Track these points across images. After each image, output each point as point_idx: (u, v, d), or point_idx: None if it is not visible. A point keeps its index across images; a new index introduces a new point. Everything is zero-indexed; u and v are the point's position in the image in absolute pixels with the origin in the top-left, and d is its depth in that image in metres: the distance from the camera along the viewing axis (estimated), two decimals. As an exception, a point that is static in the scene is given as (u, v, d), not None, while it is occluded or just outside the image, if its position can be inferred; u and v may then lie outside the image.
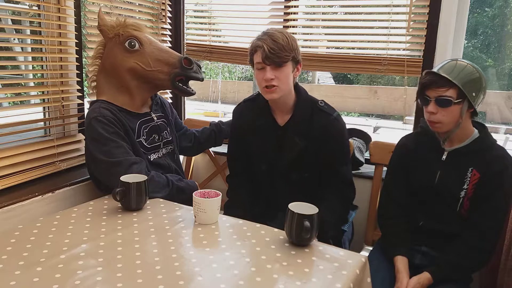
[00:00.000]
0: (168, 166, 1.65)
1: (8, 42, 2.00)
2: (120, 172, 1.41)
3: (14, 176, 1.55)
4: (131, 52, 1.54)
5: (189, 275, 0.99)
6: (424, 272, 1.34)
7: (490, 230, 1.35)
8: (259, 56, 1.41)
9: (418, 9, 1.84)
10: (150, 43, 1.58)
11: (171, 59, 1.57)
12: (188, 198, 1.57)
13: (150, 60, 1.55)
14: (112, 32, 1.55)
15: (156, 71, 1.56)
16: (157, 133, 1.65)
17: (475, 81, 1.30)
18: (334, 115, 1.53)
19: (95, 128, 1.47)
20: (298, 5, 2.11)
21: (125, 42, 1.54)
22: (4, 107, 1.64)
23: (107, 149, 1.46)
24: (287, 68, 1.43)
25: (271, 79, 1.41)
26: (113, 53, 1.56)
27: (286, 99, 1.50)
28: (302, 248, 1.14)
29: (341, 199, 1.55)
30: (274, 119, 1.56)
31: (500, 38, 7.48)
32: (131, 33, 1.55)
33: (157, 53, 1.57)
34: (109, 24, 1.57)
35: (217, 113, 7.88)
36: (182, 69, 1.57)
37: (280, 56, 1.39)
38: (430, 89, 1.31)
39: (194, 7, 2.42)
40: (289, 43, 1.41)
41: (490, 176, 1.33)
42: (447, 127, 1.34)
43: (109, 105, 1.53)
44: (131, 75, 1.56)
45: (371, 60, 1.95)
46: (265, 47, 1.38)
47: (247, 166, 1.66)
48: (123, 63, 1.54)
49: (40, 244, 1.10)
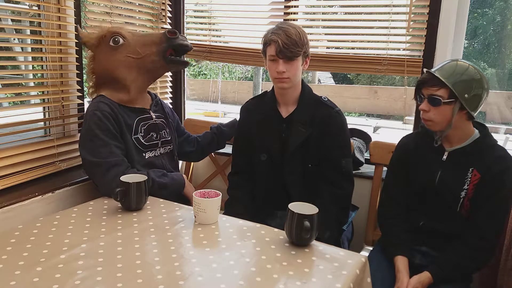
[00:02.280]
0: (162, 165, 1.65)
1: (8, 42, 2.00)
2: (97, 173, 1.47)
3: (14, 176, 1.55)
4: (118, 48, 1.57)
5: (189, 275, 0.99)
6: (425, 272, 1.34)
7: (491, 230, 1.35)
8: (273, 49, 1.49)
9: (418, 9, 1.84)
10: (132, 34, 1.62)
11: (156, 38, 1.59)
12: (172, 193, 1.59)
13: (138, 48, 1.58)
14: (96, 39, 1.59)
15: (147, 56, 1.58)
16: (155, 132, 1.66)
17: (469, 83, 1.29)
18: (336, 109, 1.60)
19: (88, 122, 1.51)
20: (298, 5, 2.11)
21: (109, 41, 1.57)
22: (4, 107, 1.64)
23: (91, 146, 1.48)
24: (297, 61, 1.51)
25: (283, 71, 1.49)
26: (102, 57, 1.59)
27: (293, 91, 1.59)
28: (302, 248, 1.14)
29: (337, 197, 1.56)
30: (279, 112, 1.62)
31: (500, 38, 7.48)
32: (112, 30, 1.59)
33: (141, 39, 1.60)
34: (93, 36, 1.60)
35: (217, 113, 7.89)
36: (168, 41, 1.58)
37: (293, 51, 1.47)
38: (424, 88, 1.34)
39: (194, 7, 2.42)
40: (301, 39, 1.49)
41: (491, 177, 1.33)
42: (438, 126, 1.35)
43: (108, 100, 1.56)
44: (126, 69, 1.57)
45: (371, 60, 1.95)
46: (280, 42, 1.46)
47: (250, 165, 1.68)
48: (114, 61, 1.57)
49: (40, 244, 1.10)
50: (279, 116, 1.62)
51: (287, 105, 1.61)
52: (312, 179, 1.59)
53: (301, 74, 1.57)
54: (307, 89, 1.62)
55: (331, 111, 1.58)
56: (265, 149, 1.62)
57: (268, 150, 1.62)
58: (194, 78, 10.11)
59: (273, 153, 1.61)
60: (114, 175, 1.44)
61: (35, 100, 2.33)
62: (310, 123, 1.56)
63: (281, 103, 1.62)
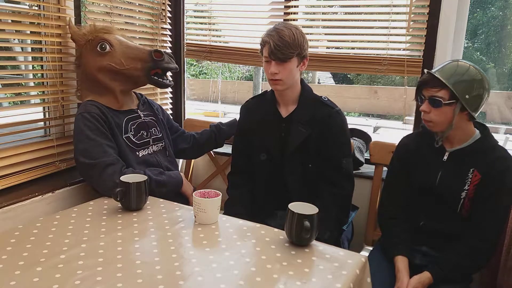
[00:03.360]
0: (157, 163, 1.66)
1: (8, 42, 2.00)
2: (93, 175, 1.46)
3: (14, 176, 1.55)
4: (103, 55, 1.58)
5: (189, 275, 0.99)
6: (425, 272, 1.34)
7: (491, 230, 1.35)
8: (267, 50, 1.49)
9: (418, 9, 1.84)
10: (120, 43, 1.61)
11: (142, 55, 1.60)
12: (170, 191, 1.59)
13: (122, 59, 1.59)
14: (84, 40, 1.59)
15: (130, 68, 1.59)
16: (145, 130, 1.67)
17: (470, 83, 1.29)
18: (336, 108, 1.59)
19: (78, 124, 1.52)
20: (298, 5, 2.11)
21: (96, 47, 1.58)
22: (4, 107, 1.64)
23: (84, 147, 1.48)
24: (291, 63, 1.49)
25: (275, 73, 1.49)
26: (87, 59, 1.60)
27: (291, 91, 1.58)
28: (302, 248, 1.14)
29: (337, 197, 1.55)
30: (279, 112, 1.62)
31: (500, 38, 7.48)
32: (101, 36, 1.59)
33: (127, 51, 1.60)
34: (80, 32, 1.61)
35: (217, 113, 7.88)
36: (154, 62, 1.59)
37: (285, 53, 1.46)
38: (424, 89, 1.34)
39: (194, 7, 2.42)
40: (296, 40, 1.47)
41: (491, 177, 1.33)
42: (439, 127, 1.35)
43: (95, 103, 1.57)
44: (107, 76, 1.59)
45: (371, 60, 1.95)
46: (271, 43, 1.45)
47: (250, 164, 1.68)
48: (96, 66, 1.58)
49: (40, 244, 1.10)
50: (278, 116, 1.61)
51: (287, 105, 1.61)
52: (312, 179, 1.59)
53: (298, 75, 1.56)
54: (307, 89, 1.61)
55: (331, 111, 1.57)
56: (264, 149, 1.62)
57: (267, 150, 1.62)
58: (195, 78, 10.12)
59: (273, 153, 1.61)
60: (110, 174, 1.44)
61: (34, 100, 2.33)
62: (309, 123, 1.56)
63: (281, 103, 1.62)
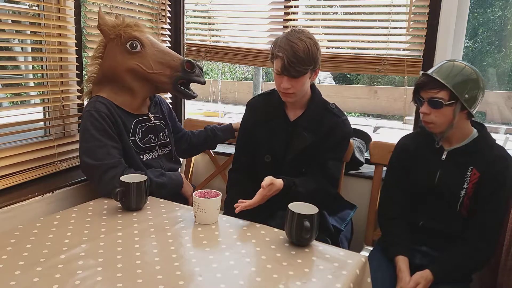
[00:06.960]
0: (159, 167, 1.63)
1: (8, 42, 2.00)
2: (95, 175, 1.46)
3: (14, 176, 1.55)
4: (132, 54, 1.53)
5: (189, 275, 0.99)
6: (426, 270, 1.34)
7: (491, 229, 1.35)
8: (279, 64, 1.42)
9: (418, 9, 1.84)
10: (151, 45, 1.56)
11: (173, 62, 1.56)
12: (170, 192, 1.58)
13: (151, 62, 1.54)
14: (113, 33, 1.53)
15: (158, 74, 1.55)
16: (153, 134, 1.64)
17: (468, 83, 1.29)
18: (342, 118, 1.58)
19: (85, 121, 1.49)
20: (298, 5, 2.11)
21: (126, 43, 1.52)
22: (4, 107, 1.64)
23: (89, 146, 1.47)
24: (304, 78, 1.45)
25: (288, 87, 1.44)
26: (113, 53, 1.54)
27: (301, 98, 1.55)
28: (302, 248, 1.14)
29: (318, 181, 1.54)
30: (286, 115, 1.60)
31: (500, 38, 7.48)
32: (133, 34, 1.54)
33: (159, 55, 1.55)
34: (110, 23, 1.54)
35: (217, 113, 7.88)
36: (184, 73, 1.56)
37: (299, 70, 1.40)
38: (423, 91, 1.33)
39: (194, 7, 2.42)
40: (310, 55, 1.40)
41: (491, 175, 1.34)
42: (440, 128, 1.35)
43: (106, 101, 1.52)
44: (132, 76, 1.54)
45: (371, 60, 1.95)
46: (285, 59, 1.38)
47: (252, 163, 1.66)
48: (124, 64, 1.53)
49: (40, 244, 1.10)
50: (286, 120, 1.59)
51: (295, 109, 1.59)
52: None
53: (308, 85, 1.52)
54: (317, 93, 1.58)
55: (337, 120, 1.55)
56: (270, 151, 1.60)
57: (272, 152, 1.60)
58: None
59: (277, 155, 1.59)
60: (112, 177, 1.43)
61: (35, 100, 2.33)
62: (314, 131, 1.54)
63: (289, 106, 1.60)
